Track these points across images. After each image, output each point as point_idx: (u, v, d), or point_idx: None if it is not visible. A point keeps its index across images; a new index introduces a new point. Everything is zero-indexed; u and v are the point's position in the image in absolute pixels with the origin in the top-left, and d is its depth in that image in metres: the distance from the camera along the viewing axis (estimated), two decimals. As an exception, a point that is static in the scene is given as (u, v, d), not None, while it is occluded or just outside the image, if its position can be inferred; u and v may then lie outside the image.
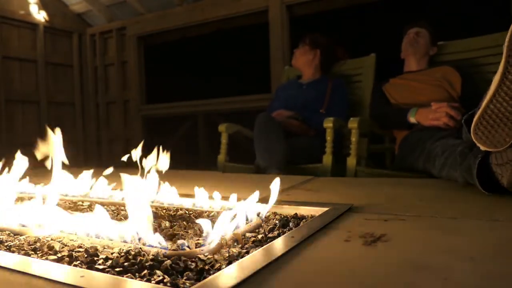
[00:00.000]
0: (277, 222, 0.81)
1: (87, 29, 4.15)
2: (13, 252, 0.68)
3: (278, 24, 3.06)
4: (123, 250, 0.64)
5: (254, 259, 0.58)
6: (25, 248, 0.69)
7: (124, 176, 0.72)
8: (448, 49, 2.10)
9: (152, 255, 0.61)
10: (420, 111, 1.71)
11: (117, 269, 0.57)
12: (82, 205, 1.09)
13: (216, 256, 0.61)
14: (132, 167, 1.02)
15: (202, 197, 0.98)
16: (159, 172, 1.01)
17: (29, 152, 1.23)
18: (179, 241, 0.65)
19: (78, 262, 0.61)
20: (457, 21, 2.82)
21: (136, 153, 1.04)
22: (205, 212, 0.93)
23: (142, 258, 0.60)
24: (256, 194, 0.82)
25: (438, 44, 2.07)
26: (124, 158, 1.05)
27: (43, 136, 0.93)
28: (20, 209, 0.85)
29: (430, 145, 1.42)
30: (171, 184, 1.06)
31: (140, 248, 0.64)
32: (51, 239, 0.73)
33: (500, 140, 0.93)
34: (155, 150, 1.04)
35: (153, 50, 4.08)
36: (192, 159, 3.76)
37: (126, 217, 0.76)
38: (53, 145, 0.93)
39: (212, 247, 0.64)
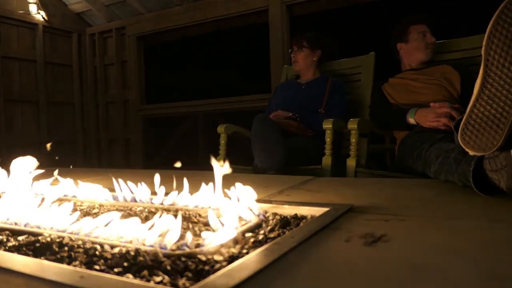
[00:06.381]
0: (277, 222, 0.81)
1: (86, 28, 4.15)
2: (12, 252, 0.67)
3: (278, 24, 3.06)
4: (122, 250, 0.64)
5: (254, 260, 0.58)
6: (24, 248, 0.69)
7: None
8: (446, 48, 2.10)
9: (152, 255, 0.61)
10: (419, 111, 1.69)
11: (117, 270, 0.57)
12: (81, 206, 1.09)
13: (216, 256, 0.61)
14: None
15: (203, 197, 0.98)
16: None
17: (28, 153, 1.23)
18: (179, 241, 0.65)
19: (78, 262, 0.61)
20: (456, 19, 2.82)
21: None
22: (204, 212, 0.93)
23: (141, 258, 0.60)
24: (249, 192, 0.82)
25: (437, 42, 2.08)
26: None
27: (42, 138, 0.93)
28: (20, 208, 0.85)
29: (426, 151, 1.41)
30: (170, 184, 1.06)
31: (140, 248, 0.64)
32: (51, 240, 0.73)
33: (488, 144, 0.93)
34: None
35: (153, 50, 4.08)
36: (192, 159, 3.76)
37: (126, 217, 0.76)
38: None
39: (211, 247, 0.64)
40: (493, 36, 0.95)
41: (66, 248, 0.67)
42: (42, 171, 1.11)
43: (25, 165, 1.06)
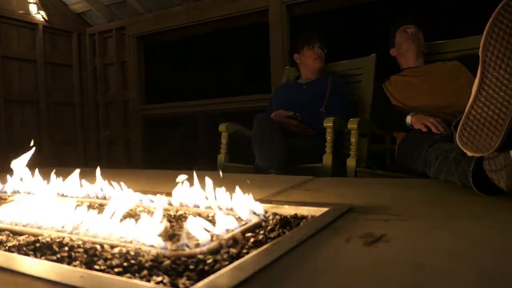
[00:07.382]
0: (277, 222, 0.81)
1: (86, 28, 4.15)
2: (12, 252, 0.67)
3: (278, 24, 3.06)
4: (122, 250, 0.64)
5: (254, 260, 0.58)
6: (24, 248, 0.69)
7: None
8: (446, 48, 2.10)
9: (152, 255, 0.61)
10: (417, 115, 1.70)
11: (117, 270, 0.57)
12: (81, 206, 1.09)
13: (216, 256, 0.61)
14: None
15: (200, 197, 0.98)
16: None
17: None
18: (179, 241, 0.65)
19: (78, 262, 0.61)
20: (456, 19, 2.83)
21: None
22: (204, 213, 0.93)
23: (141, 258, 0.60)
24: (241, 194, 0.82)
25: (437, 43, 2.09)
26: None
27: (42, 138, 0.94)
28: (20, 208, 0.85)
29: (426, 151, 1.41)
30: (169, 184, 1.06)
31: (140, 248, 0.64)
32: (51, 240, 0.73)
33: (485, 145, 0.93)
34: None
35: (153, 50, 4.07)
36: (192, 159, 3.76)
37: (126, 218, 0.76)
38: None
39: (212, 247, 0.64)
40: (491, 37, 0.95)
41: (66, 248, 0.67)
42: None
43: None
